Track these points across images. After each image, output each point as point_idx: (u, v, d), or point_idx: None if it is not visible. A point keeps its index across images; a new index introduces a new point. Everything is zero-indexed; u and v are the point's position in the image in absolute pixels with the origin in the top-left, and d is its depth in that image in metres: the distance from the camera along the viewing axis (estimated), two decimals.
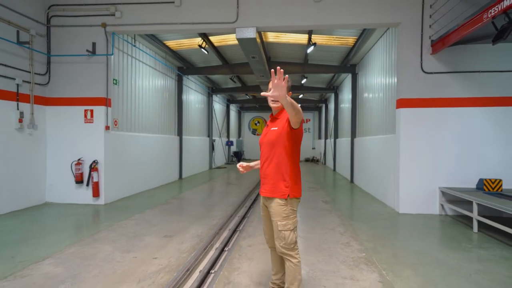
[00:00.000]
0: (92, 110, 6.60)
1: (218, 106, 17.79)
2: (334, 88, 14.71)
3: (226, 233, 4.56)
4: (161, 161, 9.69)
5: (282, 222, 2.35)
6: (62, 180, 6.61)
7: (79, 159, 6.52)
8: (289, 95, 2.48)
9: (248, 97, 19.36)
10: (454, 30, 4.97)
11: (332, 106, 16.06)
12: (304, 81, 13.31)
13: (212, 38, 8.93)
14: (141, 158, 8.37)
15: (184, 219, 5.38)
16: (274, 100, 2.41)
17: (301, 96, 18.26)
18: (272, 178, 2.39)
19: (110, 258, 3.60)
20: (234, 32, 6.46)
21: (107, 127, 6.65)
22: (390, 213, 6.11)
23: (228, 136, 19.94)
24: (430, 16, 5.85)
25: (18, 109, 5.92)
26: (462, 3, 5.28)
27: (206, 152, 14.89)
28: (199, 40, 8.69)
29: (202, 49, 8.83)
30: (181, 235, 4.47)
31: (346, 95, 12.44)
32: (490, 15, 3.99)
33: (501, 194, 5.15)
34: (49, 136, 6.69)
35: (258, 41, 7.13)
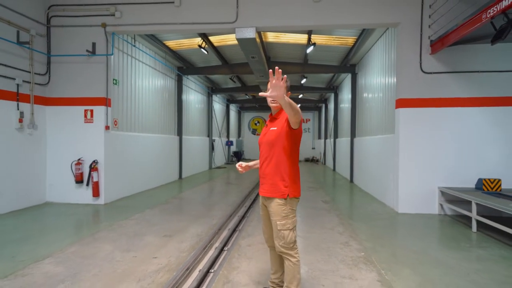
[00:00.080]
0: (92, 110, 6.62)
1: (218, 106, 17.80)
2: (334, 88, 14.71)
3: (225, 232, 4.57)
4: (161, 161, 9.70)
5: (281, 222, 2.36)
6: (62, 180, 6.63)
7: (79, 159, 6.54)
8: (288, 95, 2.50)
9: (248, 97, 19.37)
10: (453, 30, 4.99)
11: (332, 106, 16.07)
12: (304, 81, 13.31)
13: (211, 38, 8.94)
14: (141, 158, 8.39)
15: (183, 219, 5.40)
16: (273, 100, 2.42)
17: (301, 96, 18.26)
18: (271, 178, 2.40)
19: (110, 257, 3.61)
20: (233, 32, 6.48)
21: (107, 127, 6.67)
22: (389, 212, 6.12)
23: (228, 136, 19.95)
24: (430, 16, 5.86)
25: (18, 109, 5.93)
26: (461, 3, 5.29)
27: (206, 152, 14.90)
28: (199, 40, 8.70)
29: (201, 49, 8.84)
30: (180, 235, 4.49)
31: (346, 95, 12.45)
32: (489, 15, 4.00)
33: (500, 194, 5.16)
34: (49, 136, 6.71)
35: (258, 41, 7.14)
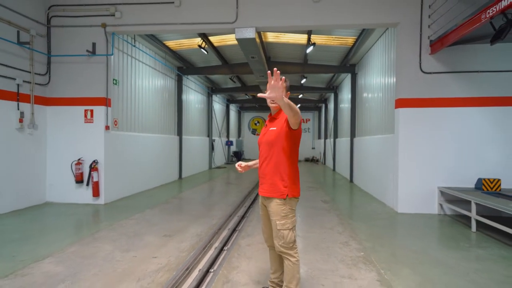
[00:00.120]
0: (92, 110, 6.63)
1: (218, 106, 17.81)
2: (334, 88, 14.71)
3: (225, 232, 4.58)
4: (161, 161, 9.71)
5: (281, 221, 2.37)
6: (62, 180, 6.64)
7: (79, 159, 6.54)
8: (287, 95, 2.50)
9: (247, 97, 19.38)
10: (452, 30, 4.99)
11: (331, 106, 16.07)
12: (303, 81, 13.31)
13: (211, 38, 8.95)
14: (141, 158, 8.39)
15: (183, 219, 5.41)
16: (272, 100, 2.43)
17: (300, 96, 18.26)
18: (270, 178, 2.41)
19: (110, 257, 3.62)
20: (233, 32, 6.48)
21: (107, 127, 6.67)
22: (389, 212, 6.12)
23: (228, 136, 19.95)
24: (429, 16, 5.87)
25: (18, 109, 5.94)
26: (460, 4, 5.29)
27: (206, 152, 14.91)
28: (199, 40, 8.71)
29: (201, 49, 8.85)
30: (180, 235, 4.49)
31: (346, 95, 12.45)
32: (488, 15, 4.00)
33: (499, 194, 5.17)
34: (49, 136, 6.71)
35: (258, 41, 7.15)
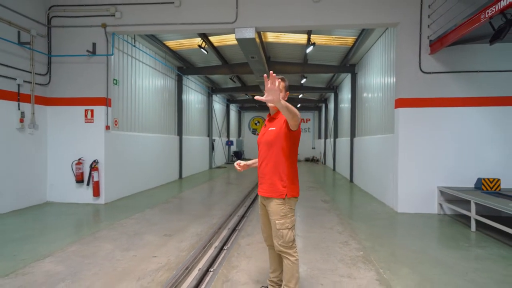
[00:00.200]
0: (92, 110, 6.64)
1: (218, 106, 17.83)
2: (334, 88, 14.72)
3: (225, 232, 4.59)
4: (161, 160, 9.73)
5: (280, 221, 2.38)
6: (62, 179, 6.65)
7: (80, 159, 6.56)
8: (286, 95, 2.52)
9: (248, 97, 19.39)
10: (452, 30, 5.00)
11: (332, 105, 16.07)
12: (303, 81, 13.32)
13: (211, 38, 8.96)
14: (141, 157, 8.41)
15: (183, 218, 5.42)
16: None
17: (301, 96, 18.27)
18: (269, 177, 2.41)
19: (110, 256, 3.63)
20: (233, 32, 6.49)
21: (107, 127, 6.69)
22: (389, 212, 6.13)
23: (228, 135, 19.97)
24: (429, 16, 5.88)
25: (19, 109, 5.96)
26: (460, 3, 5.29)
27: (206, 151, 14.92)
28: (199, 40, 8.72)
29: (201, 49, 8.86)
30: (180, 234, 4.51)
31: (346, 95, 12.46)
32: (487, 15, 4.01)
33: (499, 194, 5.17)
34: (50, 136, 6.73)
35: (258, 41, 7.16)
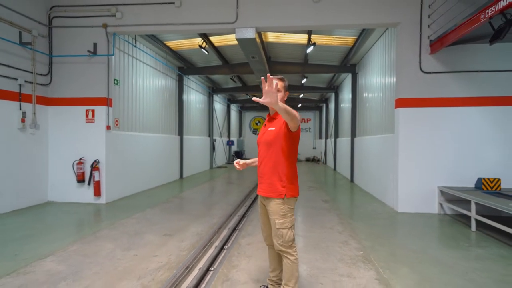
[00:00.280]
0: (93, 110, 6.66)
1: (219, 105, 17.84)
2: (335, 87, 14.72)
3: (225, 231, 4.60)
4: (162, 160, 9.75)
5: (279, 221, 2.39)
6: (64, 179, 6.68)
7: (81, 159, 6.58)
8: (286, 95, 2.53)
9: (248, 96, 19.40)
10: (452, 30, 5.00)
11: (332, 105, 16.07)
12: (304, 81, 13.32)
13: (212, 38, 8.97)
14: (142, 157, 8.43)
15: (184, 218, 5.44)
16: None
17: (301, 95, 18.27)
18: (269, 177, 2.43)
19: (111, 255, 3.65)
20: (234, 32, 6.50)
21: (108, 127, 6.71)
22: (389, 212, 6.14)
23: (229, 135, 19.99)
24: (429, 16, 5.88)
25: (20, 109, 5.99)
26: (460, 3, 5.29)
27: (207, 151, 14.94)
28: (199, 40, 8.74)
29: (202, 49, 8.88)
30: (181, 234, 4.52)
31: (346, 95, 12.46)
32: (487, 15, 4.01)
33: (499, 193, 5.17)
34: (51, 135, 6.76)
35: (258, 41, 7.17)
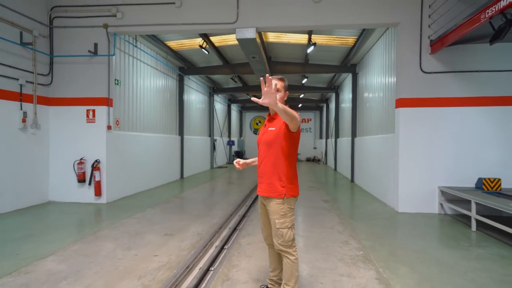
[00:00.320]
0: (94, 110, 6.68)
1: (219, 105, 17.86)
2: (335, 87, 14.71)
3: (226, 231, 4.61)
4: (162, 160, 9.76)
5: (279, 220, 2.39)
6: (64, 179, 6.69)
7: (81, 159, 6.60)
8: (286, 95, 2.53)
9: (249, 96, 19.41)
10: (452, 30, 5.00)
11: (333, 105, 16.06)
12: (305, 81, 13.32)
13: (212, 38, 8.98)
14: (142, 157, 8.44)
15: (184, 218, 5.44)
16: None
17: (302, 95, 18.27)
18: (268, 177, 2.43)
19: (112, 255, 3.66)
20: (234, 32, 6.51)
21: (109, 127, 6.72)
22: (390, 212, 6.14)
23: (229, 135, 20.01)
24: (429, 16, 5.88)
25: (21, 109, 6.00)
26: (460, 3, 5.29)
27: (207, 151, 14.96)
28: (200, 40, 8.75)
29: (203, 49, 8.88)
30: (181, 233, 4.53)
31: (347, 95, 12.46)
32: (487, 15, 4.01)
33: (500, 193, 5.17)
34: (51, 135, 6.77)
35: (258, 41, 7.18)
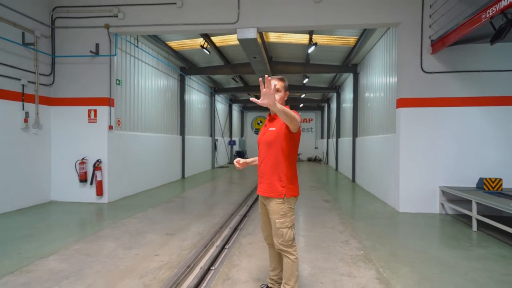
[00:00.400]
0: (95, 110, 6.71)
1: (221, 105, 17.88)
2: (336, 87, 14.71)
3: (227, 231, 4.63)
4: (163, 160, 9.79)
5: (280, 220, 2.41)
6: (66, 179, 6.72)
7: (83, 158, 6.63)
8: (286, 95, 2.54)
9: (250, 96, 19.41)
10: (453, 30, 4.99)
11: (334, 105, 16.06)
12: (306, 81, 13.33)
13: (213, 39, 9.00)
14: (144, 157, 8.47)
15: (186, 217, 5.46)
16: None
17: (303, 95, 18.27)
18: (269, 177, 2.44)
19: (113, 254, 3.68)
20: (235, 32, 6.53)
21: (111, 127, 6.75)
22: (391, 212, 6.13)
23: (230, 135, 20.03)
24: (430, 16, 5.87)
25: (23, 109, 6.03)
26: (461, 3, 5.29)
27: (208, 151, 14.98)
28: (201, 40, 8.77)
29: (204, 49, 8.90)
30: (182, 233, 4.55)
31: (348, 95, 12.45)
32: (488, 15, 4.01)
33: (501, 193, 5.16)
34: (53, 135, 6.80)
35: (259, 41, 7.19)
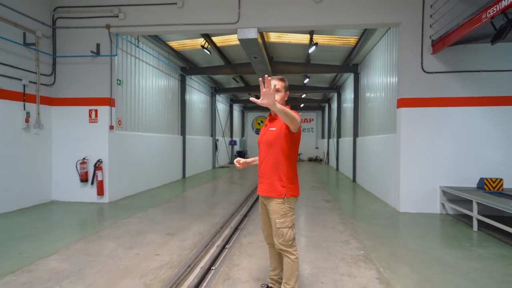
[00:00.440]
0: (96, 110, 6.72)
1: (221, 105, 17.89)
2: (337, 87, 14.70)
3: (227, 231, 4.63)
4: (164, 160, 9.80)
5: (280, 220, 2.41)
6: (67, 178, 6.74)
7: (84, 158, 6.64)
8: (286, 95, 2.54)
9: (251, 96, 19.43)
10: (454, 30, 4.99)
11: (335, 105, 16.06)
12: (306, 81, 13.32)
13: (214, 39, 9.01)
14: (144, 157, 8.48)
15: (186, 217, 5.47)
16: None
17: (304, 95, 18.27)
18: (269, 177, 2.45)
19: (114, 254, 3.69)
20: (236, 32, 6.53)
21: (111, 127, 6.76)
22: (391, 212, 6.13)
23: (231, 135, 20.04)
24: (431, 16, 5.87)
25: (24, 109, 6.05)
26: (461, 3, 5.29)
27: (209, 151, 14.99)
28: (202, 40, 8.78)
29: (204, 49, 8.91)
30: (183, 233, 4.56)
31: (349, 95, 12.45)
32: (488, 15, 4.01)
33: (501, 194, 5.16)
34: (54, 135, 6.82)
35: (260, 41, 7.20)
